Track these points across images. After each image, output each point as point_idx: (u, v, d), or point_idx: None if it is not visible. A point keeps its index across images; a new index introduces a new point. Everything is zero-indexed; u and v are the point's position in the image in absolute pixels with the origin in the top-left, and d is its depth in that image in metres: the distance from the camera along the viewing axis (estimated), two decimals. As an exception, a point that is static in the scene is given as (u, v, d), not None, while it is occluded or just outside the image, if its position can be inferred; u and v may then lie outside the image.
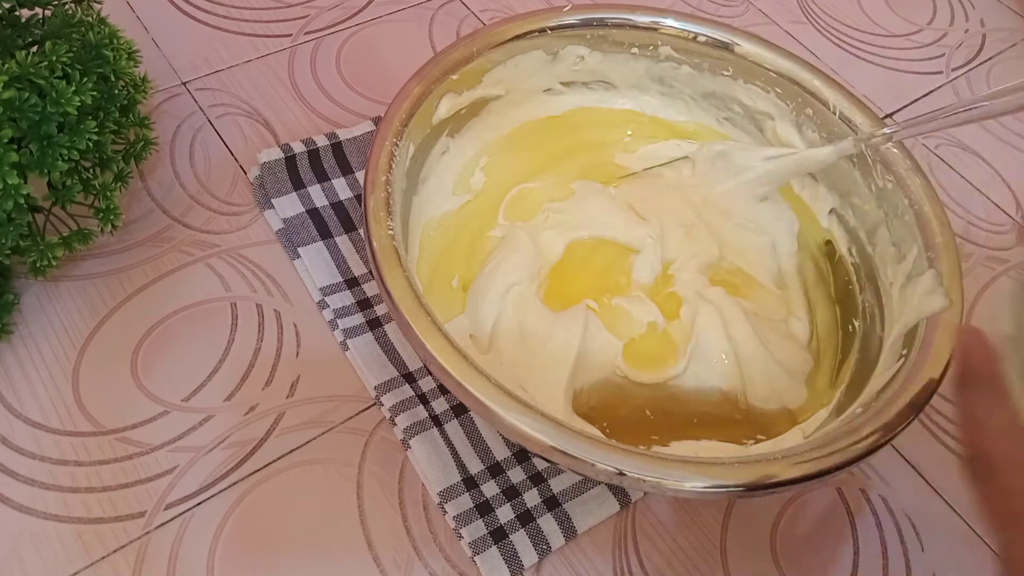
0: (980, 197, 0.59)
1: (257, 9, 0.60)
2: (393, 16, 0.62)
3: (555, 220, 0.47)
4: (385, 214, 0.38)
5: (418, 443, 0.41)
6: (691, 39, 0.49)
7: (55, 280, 0.45)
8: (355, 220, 0.49)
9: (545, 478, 0.41)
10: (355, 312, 0.45)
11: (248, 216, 0.49)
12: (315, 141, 0.51)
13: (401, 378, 0.43)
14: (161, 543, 0.38)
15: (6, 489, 0.39)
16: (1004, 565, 0.26)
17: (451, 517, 0.39)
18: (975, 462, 0.28)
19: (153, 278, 0.46)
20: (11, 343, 0.43)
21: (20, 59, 0.37)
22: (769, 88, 0.48)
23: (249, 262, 0.47)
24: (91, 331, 0.44)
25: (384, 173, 0.40)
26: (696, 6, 0.68)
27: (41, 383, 0.42)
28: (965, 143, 0.62)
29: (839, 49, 0.67)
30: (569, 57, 0.49)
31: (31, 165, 0.38)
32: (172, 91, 0.55)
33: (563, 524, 0.40)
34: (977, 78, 0.66)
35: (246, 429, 0.41)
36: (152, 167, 0.50)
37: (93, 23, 0.43)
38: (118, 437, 0.41)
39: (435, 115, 0.45)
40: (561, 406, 0.39)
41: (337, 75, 0.57)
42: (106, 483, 0.39)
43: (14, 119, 0.37)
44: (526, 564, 0.39)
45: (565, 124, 0.51)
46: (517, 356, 0.41)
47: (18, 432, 0.40)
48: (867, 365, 0.41)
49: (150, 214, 0.49)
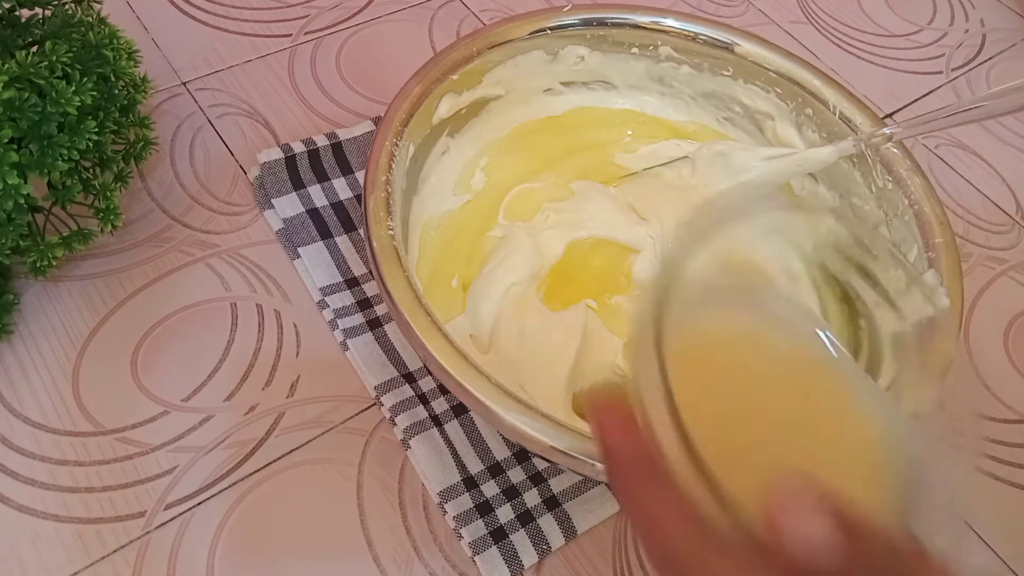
0: (980, 197, 0.59)
1: (257, 9, 0.60)
2: (393, 16, 0.62)
3: (555, 220, 0.47)
4: (385, 214, 0.38)
5: (418, 443, 0.41)
6: (691, 39, 0.49)
7: (55, 280, 0.45)
8: (355, 220, 0.49)
9: (545, 478, 0.41)
10: (355, 312, 0.45)
11: (248, 216, 0.49)
12: (315, 141, 0.51)
13: (401, 378, 0.43)
14: (161, 543, 0.38)
15: (6, 489, 0.39)
16: None
17: (451, 517, 0.39)
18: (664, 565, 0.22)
19: (153, 278, 0.46)
20: (11, 343, 0.43)
21: (20, 59, 0.37)
22: (769, 88, 0.48)
23: (249, 262, 0.47)
24: (91, 331, 0.44)
25: (384, 173, 0.40)
26: (696, 6, 0.68)
27: (41, 383, 0.42)
28: (965, 143, 0.62)
29: (839, 49, 0.67)
30: (569, 57, 0.49)
31: (31, 165, 0.38)
32: (172, 91, 0.55)
33: (563, 524, 0.40)
34: (977, 78, 0.66)
35: (246, 429, 0.41)
36: (152, 167, 0.50)
37: (93, 23, 0.43)
38: (118, 437, 0.41)
39: (435, 115, 0.45)
40: (561, 406, 0.39)
41: (337, 75, 0.57)
42: (106, 483, 0.39)
43: (14, 119, 0.37)
44: (526, 564, 0.39)
45: (565, 124, 0.51)
46: (517, 356, 0.41)
47: (18, 432, 0.40)
48: (874, 365, 0.41)
49: (150, 214, 0.49)
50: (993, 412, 0.48)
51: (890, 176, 0.43)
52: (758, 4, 0.69)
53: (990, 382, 0.49)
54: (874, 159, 0.44)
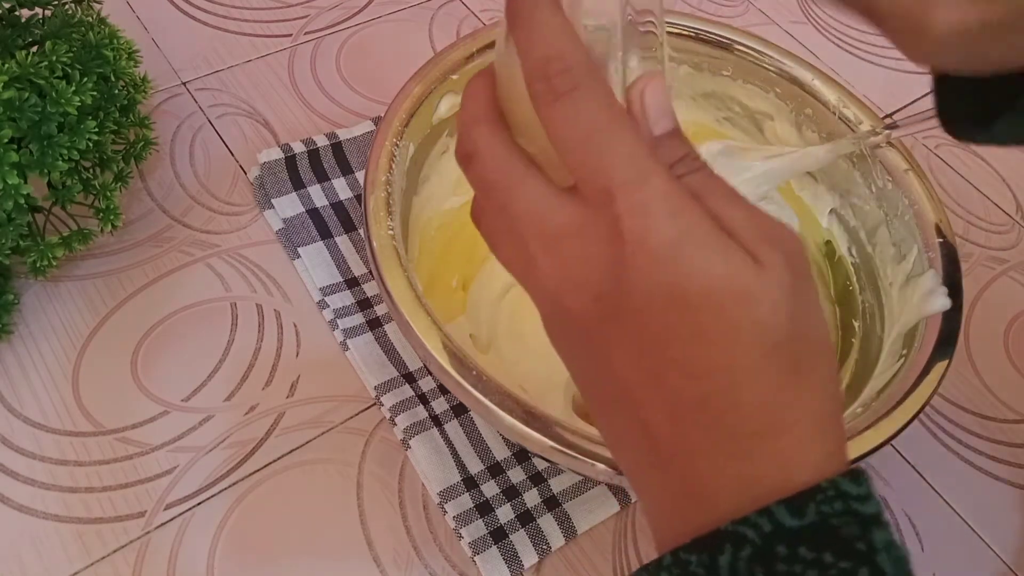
0: (980, 197, 0.59)
1: (257, 9, 0.60)
2: (393, 16, 0.62)
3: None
4: (385, 214, 0.38)
5: (418, 443, 0.41)
6: (691, 38, 0.49)
7: (55, 280, 0.45)
8: (355, 220, 0.49)
9: (545, 478, 0.41)
10: (355, 312, 0.45)
11: (248, 216, 0.49)
12: (315, 141, 0.51)
13: (401, 378, 0.43)
14: (161, 543, 0.38)
15: (6, 489, 0.39)
16: None
17: (451, 517, 0.39)
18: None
19: (153, 278, 0.46)
20: (11, 343, 0.43)
21: (20, 59, 0.37)
22: (768, 88, 0.48)
23: (249, 262, 0.47)
24: (91, 331, 0.44)
25: (384, 173, 0.40)
26: (696, 6, 0.68)
27: (41, 383, 0.42)
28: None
29: (839, 49, 0.67)
30: (569, 57, 0.49)
31: (31, 165, 0.38)
32: (172, 91, 0.55)
33: (563, 524, 0.40)
34: (977, 78, 0.66)
35: (246, 429, 0.41)
36: (152, 167, 0.50)
37: (93, 23, 0.43)
38: (118, 437, 0.41)
39: (435, 115, 0.45)
40: (561, 406, 0.39)
41: (337, 75, 0.57)
42: (106, 483, 0.39)
43: (14, 119, 0.37)
44: (526, 564, 0.39)
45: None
46: (516, 356, 0.41)
47: (18, 432, 0.40)
48: (867, 365, 0.41)
49: (150, 214, 0.49)
50: (993, 412, 0.48)
51: (890, 176, 0.43)
52: (758, 4, 0.69)
53: (990, 382, 0.49)
54: (874, 159, 0.44)
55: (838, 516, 0.19)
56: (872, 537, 0.19)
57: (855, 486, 0.19)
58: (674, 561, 0.20)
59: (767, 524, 0.19)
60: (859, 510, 0.19)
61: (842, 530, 0.19)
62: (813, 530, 0.19)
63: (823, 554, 0.18)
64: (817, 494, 0.19)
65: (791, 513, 0.19)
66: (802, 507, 0.19)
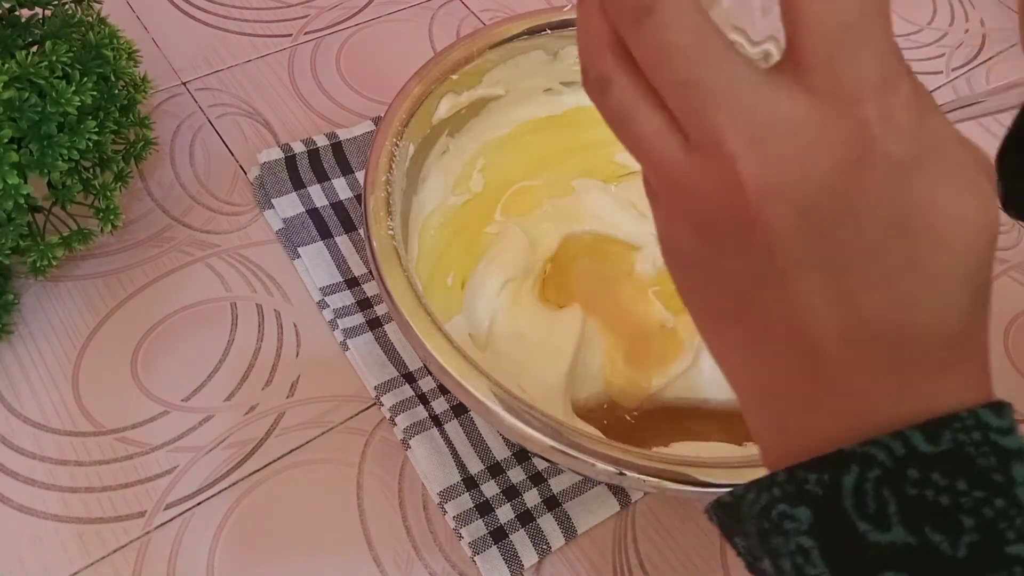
0: (980, 197, 0.59)
1: (257, 9, 0.60)
2: (393, 16, 0.62)
3: (552, 211, 0.47)
4: (385, 214, 0.38)
5: (418, 443, 0.41)
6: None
7: (55, 280, 0.45)
8: (355, 220, 0.49)
9: (545, 478, 0.41)
10: (355, 312, 0.45)
11: (248, 216, 0.49)
12: (315, 141, 0.51)
13: (401, 378, 0.43)
14: (161, 543, 0.38)
15: (6, 489, 0.39)
16: None
17: (451, 517, 0.39)
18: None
19: (153, 278, 0.46)
20: (11, 343, 0.43)
21: (20, 59, 0.37)
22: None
23: (249, 262, 0.47)
24: (91, 331, 0.44)
25: (384, 173, 0.40)
26: None
27: (41, 383, 0.42)
28: (965, 143, 0.62)
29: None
30: (569, 57, 0.49)
31: (31, 165, 0.38)
32: (172, 91, 0.55)
33: (563, 524, 0.40)
34: (977, 78, 0.66)
35: (246, 429, 0.41)
36: (152, 167, 0.50)
37: (93, 23, 0.43)
38: (118, 437, 0.41)
39: (435, 115, 0.45)
40: (561, 406, 0.39)
41: (337, 75, 0.57)
42: (106, 483, 0.39)
43: (14, 119, 0.37)
44: (526, 564, 0.39)
45: (565, 123, 0.51)
46: (514, 355, 0.41)
47: (18, 432, 0.40)
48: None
49: (150, 214, 0.49)
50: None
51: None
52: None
53: (990, 382, 0.49)
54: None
55: (976, 446, 0.18)
56: (1012, 470, 0.18)
57: (996, 418, 0.19)
58: (788, 478, 0.19)
59: (900, 447, 0.18)
60: (999, 442, 0.18)
61: (979, 460, 0.18)
62: (946, 457, 0.18)
63: (956, 481, 0.18)
64: (954, 422, 0.18)
65: (926, 438, 0.18)
66: (938, 434, 0.18)
